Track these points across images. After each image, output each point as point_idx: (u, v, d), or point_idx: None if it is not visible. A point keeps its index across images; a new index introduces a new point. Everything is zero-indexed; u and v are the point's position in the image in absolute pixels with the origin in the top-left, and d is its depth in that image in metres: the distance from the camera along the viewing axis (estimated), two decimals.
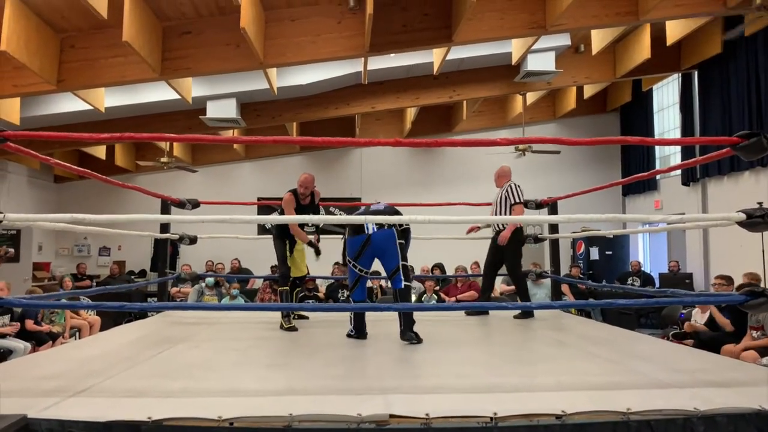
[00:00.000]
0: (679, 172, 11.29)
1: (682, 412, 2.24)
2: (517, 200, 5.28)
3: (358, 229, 4.10)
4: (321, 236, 5.46)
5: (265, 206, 12.74)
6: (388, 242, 4.10)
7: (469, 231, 5.92)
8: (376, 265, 4.38)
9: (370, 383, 2.76)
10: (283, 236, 5.06)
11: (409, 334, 3.92)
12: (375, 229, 4.05)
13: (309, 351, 3.81)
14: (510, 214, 5.28)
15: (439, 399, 2.48)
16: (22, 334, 6.69)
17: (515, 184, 5.41)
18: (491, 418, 2.18)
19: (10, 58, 6.24)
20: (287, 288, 5.03)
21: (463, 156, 13.36)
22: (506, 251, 5.36)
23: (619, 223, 11.53)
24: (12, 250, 3.08)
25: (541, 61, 8.88)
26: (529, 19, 7.11)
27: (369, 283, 8.66)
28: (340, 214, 12.65)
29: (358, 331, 4.18)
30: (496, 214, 5.44)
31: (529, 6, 7.10)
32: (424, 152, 13.73)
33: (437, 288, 8.68)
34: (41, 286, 8.41)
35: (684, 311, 6.96)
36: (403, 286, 4.11)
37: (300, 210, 4.99)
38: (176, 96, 8.45)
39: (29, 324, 6.81)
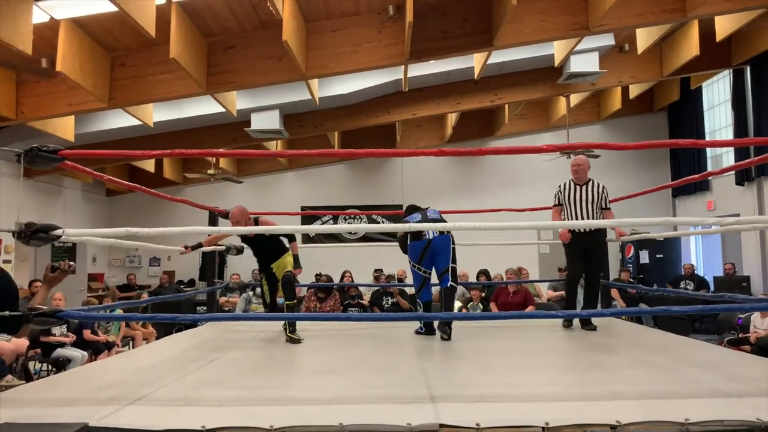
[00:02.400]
0: (732, 171, 10.90)
1: (745, 423, 2.15)
2: (608, 206, 4.99)
3: (418, 234, 4.56)
4: (367, 243, 5.60)
5: (309, 216, 12.96)
6: (444, 246, 4.59)
7: (564, 235, 5.06)
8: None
9: (418, 392, 2.75)
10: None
11: (444, 327, 4.37)
12: (435, 234, 4.52)
13: (356, 359, 3.83)
14: (603, 217, 4.91)
15: (489, 408, 2.45)
16: (80, 344, 6.94)
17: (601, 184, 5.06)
18: (543, 428, 2.14)
19: (65, 78, 6.51)
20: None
21: (506, 161, 13.22)
22: (602, 255, 5.05)
23: (670, 224, 11.20)
24: (73, 263, 3.19)
25: (585, 62, 8.72)
26: (571, 20, 7.00)
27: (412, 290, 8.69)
28: (383, 222, 12.70)
29: (427, 327, 4.64)
30: (584, 214, 4.89)
31: (571, 7, 6.99)
32: (467, 158, 13.65)
33: (482, 295, 8.59)
34: (98, 297, 8.70)
35: (742, 316, 6.70)
36: (449, 285, 4.58)
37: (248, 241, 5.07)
38: (221, 109, 8.65)
39: (87, 334, 7.05)
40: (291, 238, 4.93)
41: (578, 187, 4.98)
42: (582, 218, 4.82)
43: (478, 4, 7.10)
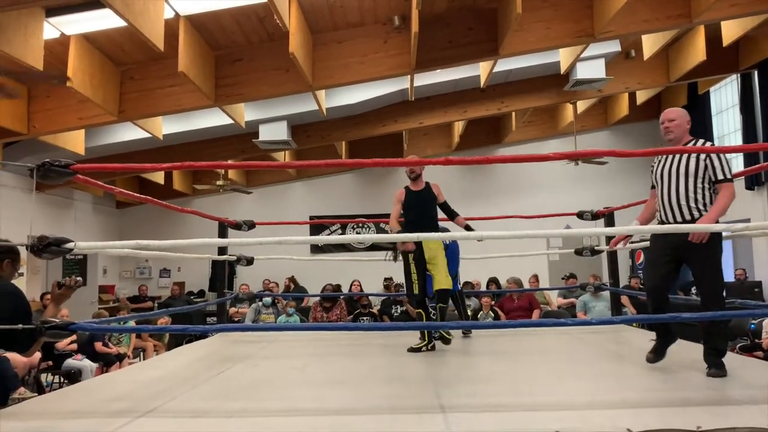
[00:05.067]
0: (742, 176, 10.83)
1: (757, 430, 2.14)
2: (727, 175, 3.24)
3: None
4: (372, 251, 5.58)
5: (317, 225, 13.00)
6: (455, 252, 5.14)
7: (616, 243, 4.19)
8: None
9: (428, 401, 2.75)
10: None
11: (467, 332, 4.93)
12: (449, 241, 4.99)
13: (365, 369, 3.83)
14: (707, 195, 3.27)
15: (499, 417, 2.44)
16: (91, 356, 6.97)
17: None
18: None
19: (75, 93, 6.59)
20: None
21: (513, 168, 13.21)
22: (702, 251, 3.24)
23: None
24: (81, 279, 3.21)
25: (591, 69, 8.72)
26: (576, 27, 7.01)
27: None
28: (391, 231, 12.69)
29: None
30: (672, 194, 3.34)
31: (576, 15, 7.00)
32: (475, 166, 13.64)
33: (493, 303, 8.55)
34: (109, 309, 8.74)
35: (754, 322, 6.64)
36: (460, 289, 5.21)
37: (411, 196, 4.74)
38: (230, 121, 8.71)
39: (98, 346, 7.09)
40: (454, 212, 4.78)
41: (671, 155, 3.40)
42: (671, 199, 3.33)
43: (483, 13, 7.13)
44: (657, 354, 3.44)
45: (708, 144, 3.37)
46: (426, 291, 4.53)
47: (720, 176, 3.23)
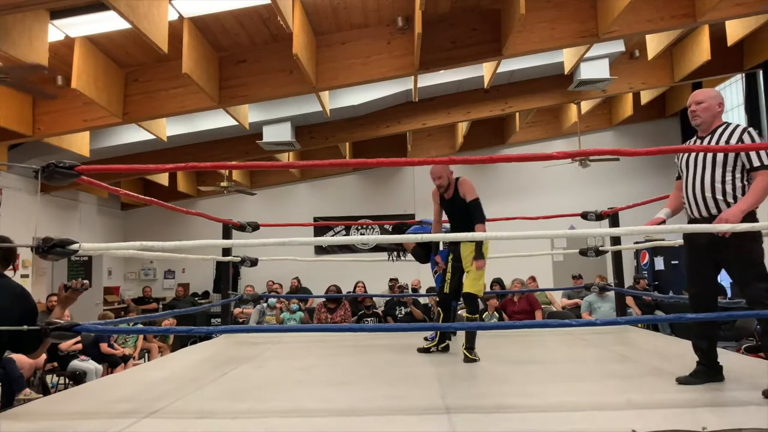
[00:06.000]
0: None
1: (763, 431, 2.13)
2: (764, 162, 2.82)
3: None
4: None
5: (322, 226, 13.02)
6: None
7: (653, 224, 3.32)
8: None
9: (433, 402, 2.74)
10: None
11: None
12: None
13: (370, 370, 3.82)
14: (738, 186, 2.88)
15: (504, 418, 2.44)
16: (96, 357, 6.99)
17: (750, 130, 2.93)
18: None
19: (80, 95, 6.61)
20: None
21: (518, 169, 13.19)
22: (737, 251, 2.85)
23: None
24: (87, 281, 3.21)
25: (595, 69, 8.70)
26: (580, 28, 7.00)
27: (425, 300, 8.70)
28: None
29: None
30: (697, 185, 2.96)
31: (580, 15, 6.99)
32: (478, 166, 13.63)
33: (498, 304, 8.54)
34: (114, 311, 8.76)
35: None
36: None
37: (444, 204, 4.41)
38: (234, 122, 8.73)
39: (103, 347, 7.11)
40: (480, 218, 4.08)
41: (699, 142, 3.07)
42: (694, 192, 2.97)
43: (486, 13, 7.12)
44: (695, 377, 2.97)
45: (740, 129, 2.93)
46: (451, 292, 4.33)
47: (756, 163, 2.80)
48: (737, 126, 2.96)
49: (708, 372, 2.98)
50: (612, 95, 11.57)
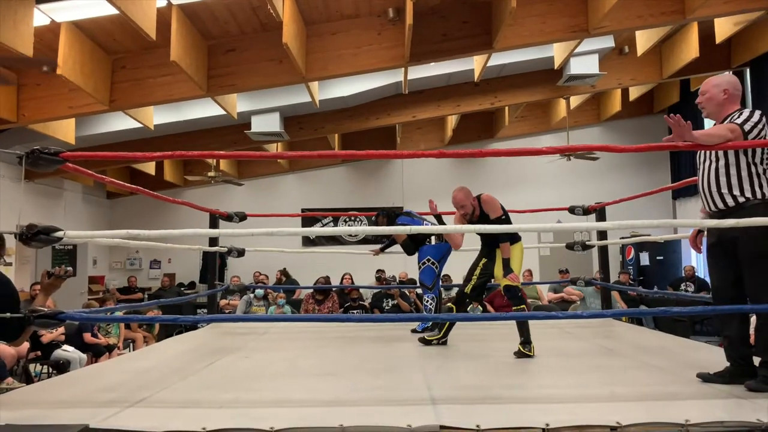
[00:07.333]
0: None
1: (745, 423, 2.16)
2: (741, 126, 2.76)
3: (439, 236, 5.07)
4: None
5: (310, 218, 12.98)
6: (440, 249, 5.12)
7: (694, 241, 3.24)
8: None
9: (418, 393, 2.75)
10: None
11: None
12: (436, 240, 5.11)
13: (357, 361, 3.83)
14: (745, 175, 2.75)
15: (489, 409, 2.45)
16: (80, 346, 6.94)
17: (746, 112, 2.82)
18: (543, 430, 2.14)
19: (66, 81, 6.51)
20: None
21: (506, 163, 13.20)
22: (752, 251, 2.72)
23: (670, 226, 11.19)
24: (70, 269, 3.17)
25: (585, 65, 8.73)
26: (570, 22, 7.02)
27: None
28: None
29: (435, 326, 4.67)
30: (704, 179, 2.87)
31: (571, 9, 7.00)
32: (467, 160, 13.66)
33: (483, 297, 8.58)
34: (99, 300, 8.69)
35: None
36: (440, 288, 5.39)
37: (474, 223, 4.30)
38: (222, 112, 8.65)
39: (87, 337, 7.06)
40: (504, 237, 3.99)
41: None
42: (703, 186, 2.88)
43: (477, 6, 7.11)
44: (722, 377, 2.81)
45: (747, 112, 2.80)
46: (471, 292, 4.27)
47: (756, 158, 2.74)
48: (743, 111, 2.82)
49: (734, 373, 2.79)
50: (601, 91, 11.62)
